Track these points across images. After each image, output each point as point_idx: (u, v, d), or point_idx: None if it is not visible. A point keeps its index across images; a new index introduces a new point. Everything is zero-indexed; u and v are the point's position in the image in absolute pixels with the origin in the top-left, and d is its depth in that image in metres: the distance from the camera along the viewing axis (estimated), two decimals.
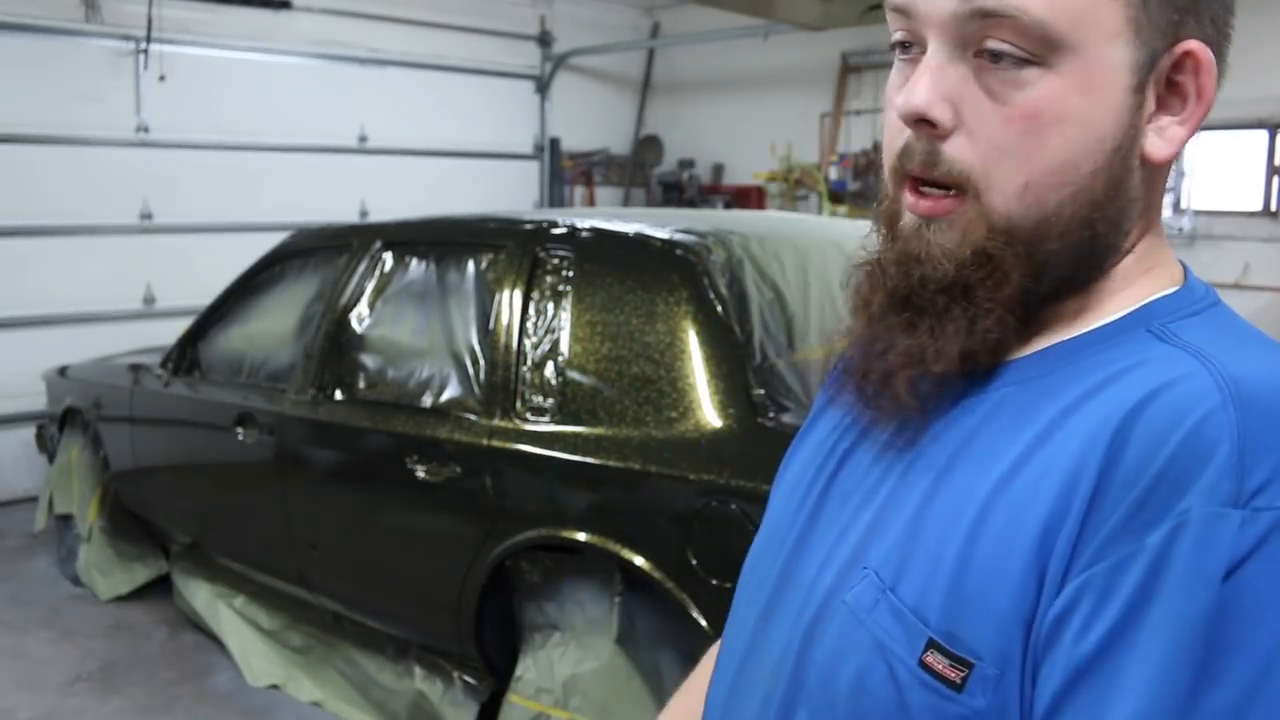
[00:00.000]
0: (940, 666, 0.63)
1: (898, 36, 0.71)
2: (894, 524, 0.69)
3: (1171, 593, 0.56)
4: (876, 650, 0.66)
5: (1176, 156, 0.69)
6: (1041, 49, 0.64)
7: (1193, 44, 0.66)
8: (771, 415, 2.28)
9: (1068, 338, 0.70)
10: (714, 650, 0.94)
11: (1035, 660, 0.61)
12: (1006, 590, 0.62)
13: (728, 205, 7.88)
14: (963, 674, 0.62)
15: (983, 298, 0.68)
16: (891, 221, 0.73)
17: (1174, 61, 0.67)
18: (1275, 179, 5.90)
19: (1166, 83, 0.67)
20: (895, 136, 0.71)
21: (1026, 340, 0.71)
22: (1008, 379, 0.70)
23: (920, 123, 0.68)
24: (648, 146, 8.61)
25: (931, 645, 0.63)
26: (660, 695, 2.43)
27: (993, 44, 0.65)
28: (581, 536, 2.44)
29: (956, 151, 0.67)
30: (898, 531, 0.69)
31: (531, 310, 2.69)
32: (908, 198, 0.71)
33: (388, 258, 3.17)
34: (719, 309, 2.42)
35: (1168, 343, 0.66)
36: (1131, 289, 0.71)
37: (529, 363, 2.64)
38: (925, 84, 0.67)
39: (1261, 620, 0.56)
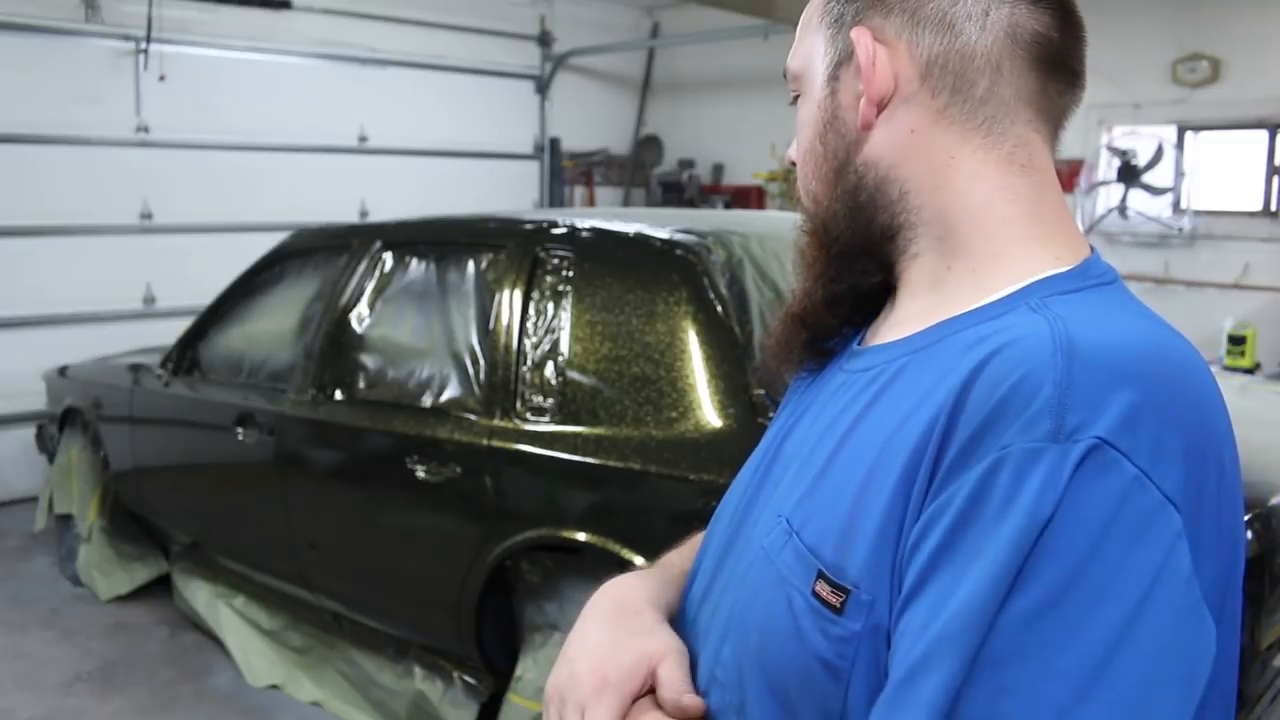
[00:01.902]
0: (825, 594, 0.72)
1: None
2: (806, 478, 0.79)
3: (988, 516, 0.63)
4: (780, 585, 0.75)
5: (872, 120, 0.81)
6: (797, 85, 0.88)
7: (853, 32, 0.82)
8: (772, 415, 2.28)
9: (958, 313, 0.77)
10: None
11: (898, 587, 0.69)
12: (875, 525, 0.70)
13: (728, 205, 7.89)
14: (841, 599, 0.71)
15: (805, 267, 0.89)
16: None
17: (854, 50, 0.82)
18: (1275, 179, 5.90)
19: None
20: None
21: (919, 314, 0.80)
22: (904, 349, 0.79)
23: (793, 164, 0.92)
24: (648, 146, 8.61)
25: (820, 576, 0.72)
26: None
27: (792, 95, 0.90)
28: (581, 536, 2.44)
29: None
30: (808, 484, 0.78)
31: (531, 310, 2.69)
32: None
33: (388, 258, 3.17)
34: (719, 309, 2.42)
35: (1038, 313, 0.72)
36: (1009, 260, 0.77)
37: (529, 363, 2.64)
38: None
39: (1069, 536, 0.61)
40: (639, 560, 2.33)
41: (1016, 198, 0.78)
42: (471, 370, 2.77)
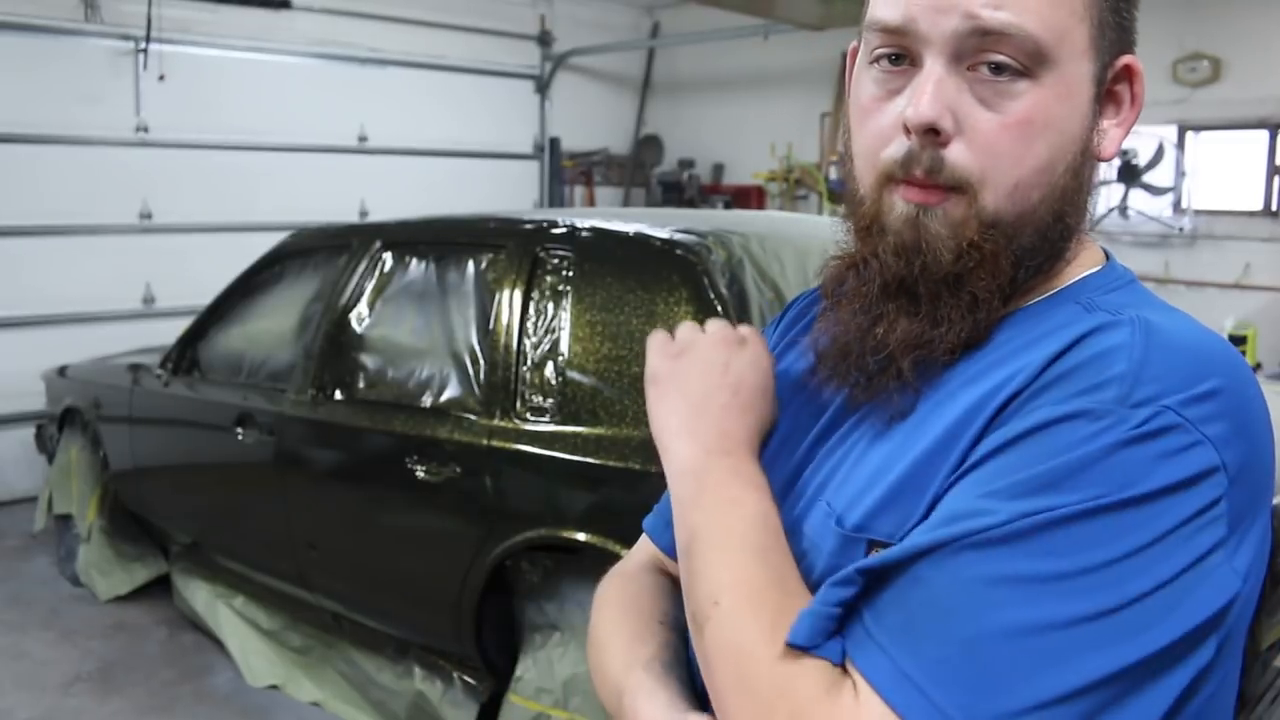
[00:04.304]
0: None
1: (886, 50, 0.76)
2: (861, 474, 0.78)
3: (1038, 444, 0.66)
4: (827, 564, 0.75)
5: (1113, 157, 0.80)
6: (1032, 63, 0.72)
7: (1130, 58, 0.78)
8: None
9: (1013, 310, 0.78)
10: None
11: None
12: (931, 485, 0.71)
13: (728, 205, 7.88)
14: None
15: (981, 288, 0.75)
16: (872, 221, 0.78)
17: (1115, 74, 0.78)
18: (1276, 179, 5.89)
19: (1113, 95, 0.79)
20: (882, 144, 0.76)
21: None
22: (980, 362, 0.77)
23: (928, 132, 0.73)
24: (648, 146, 8.61)
25: (872, 545, 0.72)
26: None
27: (995, 57, 0.72)
28: (581, 536, 2.44)
29: (957, 157, 0.73)
30: (865, 478, 0.77)
31: (531, 310, 2.68)
32: (899, 191, 0.76)
33: (388, 258, 3.17)
34: (719, 309, 2.42)
35: (1094, 311, 0.75)
36: (1070, 268, 0.80)
37: (529, 363, 2.64)
38: (932, 96, 0.73)
39: (1088, 471, 0.64)
40: None
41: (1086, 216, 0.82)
42: (471, 370, 2.77)
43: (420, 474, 2.75)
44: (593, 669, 0.93)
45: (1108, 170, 6.22)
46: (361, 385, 3.07)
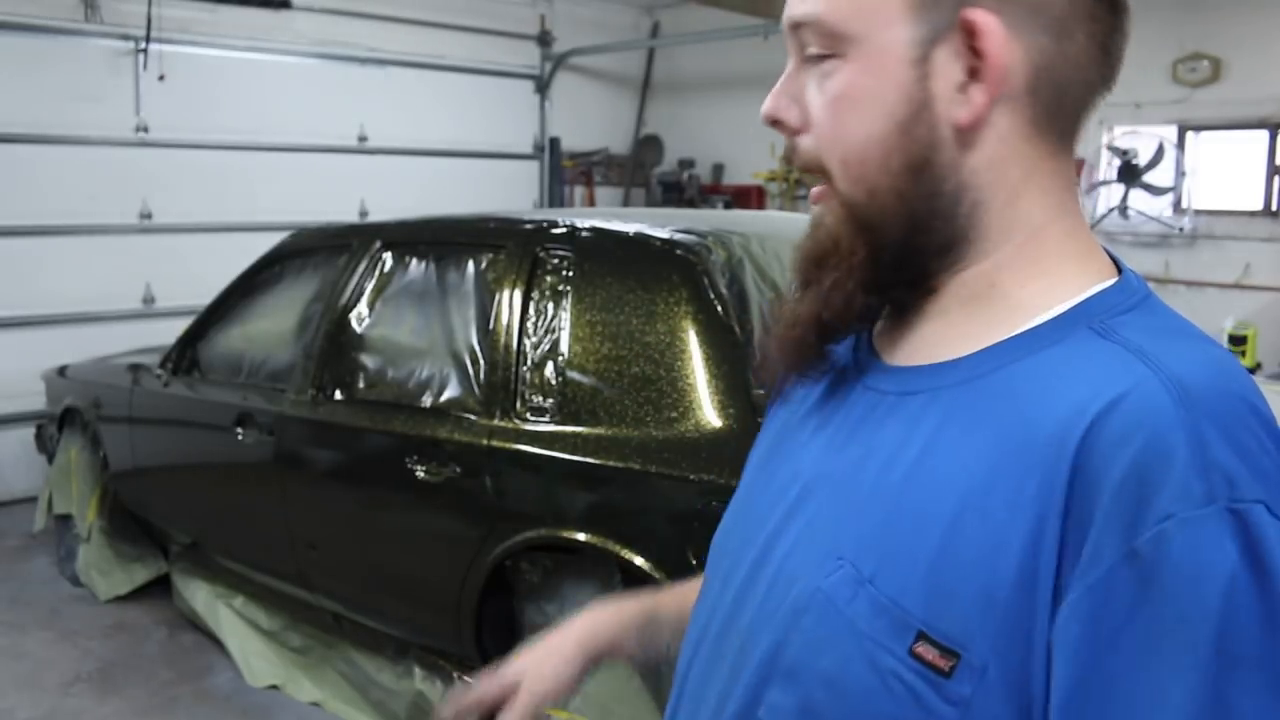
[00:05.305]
0: (930, 656, 0.67)
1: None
2: (864, 514, 0.73)
3: (1171, 593, 0.60)
4: (856, 638, 0.70)
5: (981, 120, 0.72)
6: (833, 44, 0.74)
7: (972, 13, 0.70)
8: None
9: (1012, 334, 0.73)
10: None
11: (1042, 663, 0.65)
12: (992, 591, 0.65)
13: (728, 205, 7.88)
14: (952, 663, 0.66)
15: (832, 266, 0.78)
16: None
17: (966, 31, 0.71)
18: (1276, 179, 5.89)
19: (974, 52, 0.71)
20: None
21: (958, 334, 0.75)
22: (956, 376, 0.74)
23: (776, 124, 0.79)
24: (648, 146, 8.61)
25: (922, 636, 0.67)
26: (660, 695, 2.43)
27: (808, 48, 0.77)
28: (581, 536, 2.44)
29: (805, 144, 0.78)
30: (871, 524, 0.72)
31: (531, 310, 2.68)
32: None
33: (388, 258, 3.17)
34: (719, 309, 2.42)
35: (1109, 340, 0.69)
36: (1055, 277, 0.74)
37: (529, 363, 2.64)
38: (775, 91, 0.80)
39: (1260, 604, 0.60)
40: (639, 560, 2.32)
41: (1066, 213, 0.76)
42: (471, 370, 2.77)
43: (420, 474, 2.75)
44: None
45: (1108, 170, 6.23)
46: (361, 385, 3.07)
